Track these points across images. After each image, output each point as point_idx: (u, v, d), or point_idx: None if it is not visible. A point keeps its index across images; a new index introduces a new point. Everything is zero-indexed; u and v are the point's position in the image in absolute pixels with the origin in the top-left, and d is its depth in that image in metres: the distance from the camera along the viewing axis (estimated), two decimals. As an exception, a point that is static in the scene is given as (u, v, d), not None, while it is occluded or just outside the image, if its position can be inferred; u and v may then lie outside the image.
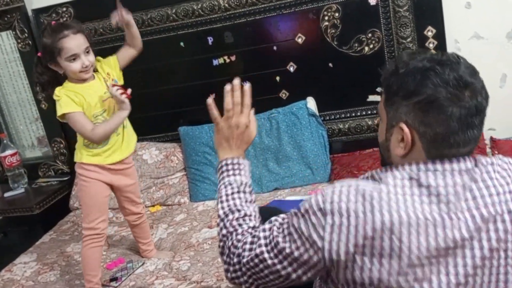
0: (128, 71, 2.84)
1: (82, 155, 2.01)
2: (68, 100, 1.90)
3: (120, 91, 1.90)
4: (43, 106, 3.04)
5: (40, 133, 3.18)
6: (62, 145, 3.09)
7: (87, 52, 1.91)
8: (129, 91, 1.95)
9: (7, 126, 3.22)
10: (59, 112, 1.92)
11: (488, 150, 2.40)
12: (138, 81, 2.86)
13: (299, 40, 2.59)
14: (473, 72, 0.98)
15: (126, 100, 1.92)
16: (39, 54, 1.94)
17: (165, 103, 2.88)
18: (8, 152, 2.95)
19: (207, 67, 2.74)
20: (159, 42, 2.76)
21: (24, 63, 3.00)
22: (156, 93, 2.88)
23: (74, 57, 1.87)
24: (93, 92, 1.94)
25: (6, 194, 2.97)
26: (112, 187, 2.07)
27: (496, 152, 2.35)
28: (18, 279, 2.23)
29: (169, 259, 2.15)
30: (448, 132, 0.94)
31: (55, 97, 1.94)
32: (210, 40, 2.69)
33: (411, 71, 0.96)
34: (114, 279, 2.08)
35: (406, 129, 0.97)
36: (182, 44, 2.74)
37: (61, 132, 3.07)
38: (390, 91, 1.01)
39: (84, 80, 1.94)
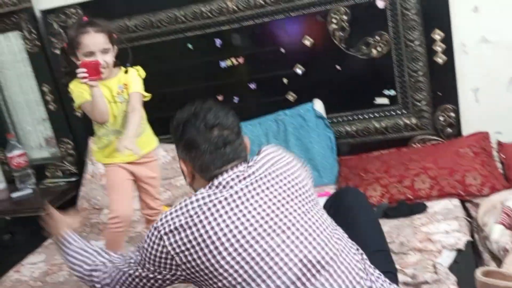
0: (135, 72, 2.87)
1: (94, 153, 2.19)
2: (79, 92, 1.97)
3: (83, 74, 1.85)
4: (51, 107, 3.05)
5: (48, 133, 3.19)
6: (70, 146, 3.10)
7: (105, 52, 1.93)
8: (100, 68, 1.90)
9: (14, 127, 3.23)
10: (75, 105, 2.04)
11: (494, 153, 2.40)
12: (146, 82, 2.86)
13: (307, 43, 2.60)
14: (221, 115, 1.31)
15: (91, 83, 1.88)
16: (64, 45, 2.00)
17: (172, 105, 2.81)
18: (16, 152, 2.97)
19: (214, 69, 2.75)
20: (167, 44, 2.78)
21: (32, 64, 3.01)
22: (163, 95, 2.87)
23: (90, 54, 1.90)
24: (104, 91, 1.97)
25: (14, 195, 2.98)
26: (134, 175, 2.12)
27: (503, 156, 2.36)
28: (26, 279, 2.24)
29: None
30: (206, 163, 1.27)
31: (69, 90, 2.03)
32: (218, 42, 2.70)
33: (177, 123, 1.32)
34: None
35: (182, 164, 1.33)
36: (190, 46, 2.75)
37: (69, 133, 3.08)
38: (172, 139, 1.36)
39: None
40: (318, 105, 2.64)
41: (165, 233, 1.22)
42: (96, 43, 1.91)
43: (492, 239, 1.73)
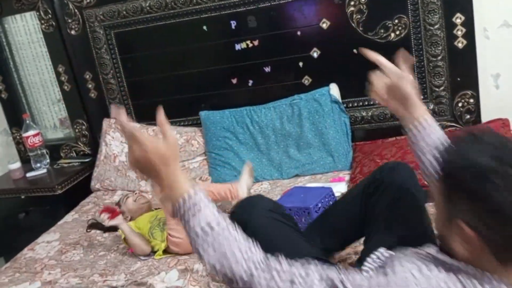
0: (150, 54, 2.87)
1: None
2: None
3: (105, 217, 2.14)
4: (66, 87, 3.05)
5: (62, 114, 3.20)
6: (84, 127, 3.11)
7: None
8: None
9: (29, 107, 3.25)
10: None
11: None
12: (160, 64, 2.87)
13: (324, 25, 2.56)
14: None
15: (112, 222, 2.12)
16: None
17: (186, 87, 2.87)
18: (31, 132, 2.98)
19: (229, 51, 2.72)
20: (182, 26, 2.75)
21: (48, 44, 3.01)
22: (177, 77, 2.87)
23: None
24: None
25: (29, 174, 3.00)
26: None
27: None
28: (41, 257, 2.26)
29: None
30: None
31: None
32: (233, 24, 2.67)
33: (474, 171, 0.88)
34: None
35: (467, 230, 0.90)
36: (205, 27, 2.72)
37: (83, 114, 3.09)
38: (448, 181, 0.94)
39: None
40: (334, 89, 2.60)
41: None
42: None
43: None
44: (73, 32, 2.93)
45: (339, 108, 2.58)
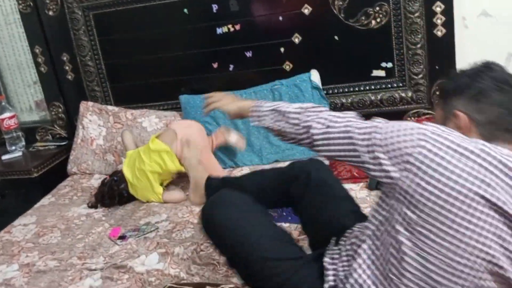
0: (130, 36, 2.84)
1: None
2: None
3: None
4: (42, 69, 2.99)
5: (38, 96, 3.15)
6: (60, 110, 3.06)
7: None
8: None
9: (5, 89, 3.18)
10: None
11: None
12: (140, 47, 2.84)
13: (305, 11, 2.56)
14: None
15: None
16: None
17: (166, 71, 2.85)
18: (6, 114, 2.93)
19: (210, 35, 2.70)
20: (163, 8, 2.72)
21: (24, 24, 2.94)
22: (157, 60, 2.84)
23: None
24: None
25: (4, 157, 2.95)
26: None
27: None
28: (18, 240, 2.23)
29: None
30: (497, 116, 1.12)
31: None
32: (214, 7, 2.65)
33: (466, 75, 1.19)
34: (122, 237, 2.12)
35: (461, 114, 1.15)
36: (185, 11, 2.70)
37: (60, 97, 3.04)
38: (447, 94, 1.21)
39: None
40: (315, 75, 2.62)
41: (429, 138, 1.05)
42: None
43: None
44: (51, 12, 2.87)
45: (319, 94, 2.59)
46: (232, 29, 2.68)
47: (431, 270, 1.06)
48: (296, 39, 2.62)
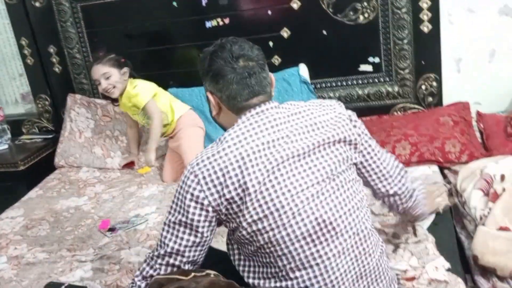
0: (118, 29, 2.82)
1: None
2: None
3: None
4: (29, 61, 2.97)
5: (24, 89, 3.12)
6: (47, 102, 3.04)
7: (106, 77, 2.44)
8: None
9: (-11, 81, 3.15)
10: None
11: (474, 123, 2.46)
12: (128, 40, 2.83)
13: (294, 6, 2.57)
14: (246, 47, 1.29)
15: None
16: None
17: (155, 64, 2.84)
18: (-9, 107, 2.90)
19: (199, 29, 2.70)
20: (152, 1, 2.72)
21: (10, 15, 2.91)
22: (146, 53, 2.84)
23: (97, 82, 2.48)
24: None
25: (-11, 150, 2.92)
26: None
27: (482, 126, 2.41)
28: (6, 233, 2.21)
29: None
30: (233, 93, 1.27)
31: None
32: (204, 1, 2.65)
33: (205, 56, 1.31)
34: (112, 229, 2.12)
35: (210, 96, 1.32)
36: (174, 4, 2.70)
37: (47, 89, 3.02)
38: (201, 76, 1.34)
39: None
40: (303, 70, 2.64)
41: (203, 177, 1.22)
42: (97, 71, 2.44)
43: (471, 205, 1.78)
44: (37, 3, 2.84)
45: (308, 89, 2.61)
46: (221, 23, 2.68)
47: None
48: (285, 33, 2.63)
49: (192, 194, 1.22)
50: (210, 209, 1.22)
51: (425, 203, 1.56)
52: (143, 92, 2.51)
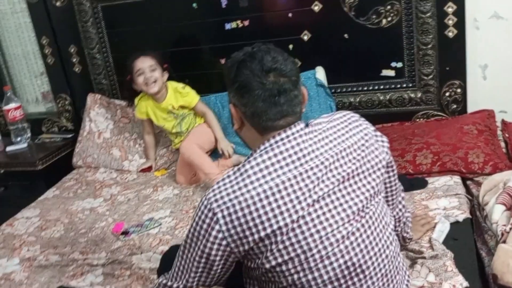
0: (138, 30, 2.82)
1: None
2: (137, 108, 2.62)
3: None
4: (49, 60, 2.99)
5: (45, 88, 3.14)
6: (67, 102, 3.06)
7: (152, 70, 2.45)
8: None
9: (11, 79, 3.18)
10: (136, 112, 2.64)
11: (498, 132, 2.37)
12: (148, 41, 2.81)
13: (316, 8, 2.52)
14: (280, 59, 1.16)
15: None
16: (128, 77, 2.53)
17: (174, 66, 2.80)
18: (12, 105, 2.92)
19: (219, 31, 2.68)
20: (172, 2, 2.70)
21: (31, 14, 2.94)
22: (165, 55, 2.81)
23: (140, 72, 2.45)
24: (158, 112, 2.57)
25: (8, 148, 2.94)
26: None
27: (507, 135, 2.33)
28: (20, 234, 2.22)
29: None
30: (258, 111, 1.15)
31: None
32: (224, 2, 2.62)
33: (232, 64, 1.18)
34: (125, 232, 2.11)
35: (233, 109, 1.21)
36: (194, 5, 2.67)
37: (67, 88, 3.03)
38: (226, 86, 1.22)
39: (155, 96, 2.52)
40: (320, 73, 2.58)
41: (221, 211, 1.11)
42: (145, 61, 2.45)
43: (493, 220, 1.71)
44: (58, 3, 2.85)
45: (325, 92, 2.56)
46: (240, 25, 2.65)
47: None
48: (305, 36, 2.59)
49: (209, 234, 1.12)
50: (228, 249, 1.12)
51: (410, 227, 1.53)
52: (193, 92, 2.55)
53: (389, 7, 2.43)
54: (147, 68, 2.43)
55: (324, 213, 1.11)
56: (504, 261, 1.45)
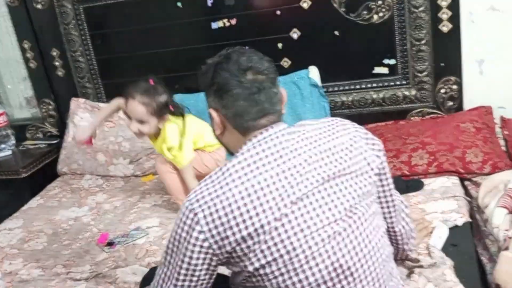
0: (122, 31, 2.73)
1: None
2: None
3: None
4: (32, 65, 2.89)
5: (28, 93, 3.04)
6: (51, 107, 2.96)
7: (141, 123, 2.03)
8: None
9: (-5, 85, 3.08)
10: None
11: (497, 130, 2.30)
12: (132, 42, 2.73)
13: (304, 5, 2.44)
14: (255, 59, 1.15)
15: None
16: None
17: (159, 67, 2.73)
18: (-5, 111, 2.83)
19: (205, 30, 2.59)
20: (155, 1, 2.61)
21: (12, 18, 2.84)
22: (150, 56, 2.73)
23: (129, 117, 2.07)
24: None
25: (-8, 156, 2.86)
26: None
27: (507, 132, 2.25)
28: (2, 246, 2.13)
29: None
30: (240, 111, 1.13)
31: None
32: (209, 1, 2.54)
33: (208, 68, 1.17)
34: (110, 243, 2.03)
35: (213, 113, 1.18)
36: (179, 4, 2.58)
37: (50, 93, 2.94)
38: (202, 86, 1.21)
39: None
40: (314, 72, 2.50)
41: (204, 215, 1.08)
42: (134, 112, 2.02)
43: (494, 224, 1.63)
44: (39, 6, 2.76)
45: (318, 92, 2.49)
46: (227, 24, 2.57)
47: None
48: (295, 34, 2.50)
49: (191, 236, 1.08)
50: (210, 251, 1.08)
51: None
52: (187, 152, 2.13)
53: (380, 2, 2.35)
54: (135, 119, 2.04)
55: (308, 212, 1.08)
56: (508, 270, 1.38)
